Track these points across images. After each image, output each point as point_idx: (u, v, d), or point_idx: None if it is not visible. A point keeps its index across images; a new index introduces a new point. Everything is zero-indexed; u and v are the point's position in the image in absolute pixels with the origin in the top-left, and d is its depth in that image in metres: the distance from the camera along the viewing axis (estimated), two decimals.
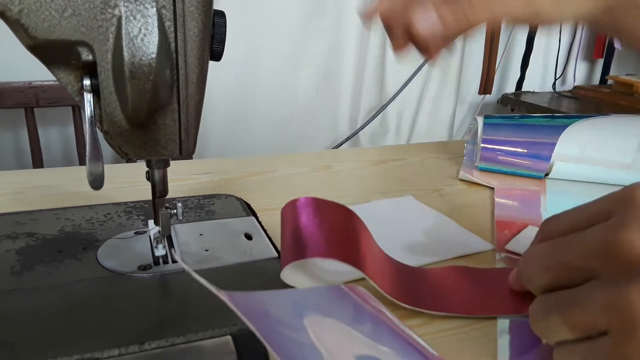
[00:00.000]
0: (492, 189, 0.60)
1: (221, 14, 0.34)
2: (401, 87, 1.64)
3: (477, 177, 0.63)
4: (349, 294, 0.32)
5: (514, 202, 0.56)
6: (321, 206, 0.35)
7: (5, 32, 0.31)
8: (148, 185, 0.38)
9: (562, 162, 0.60)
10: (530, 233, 0.46)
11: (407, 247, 0.45)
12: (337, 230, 0.34)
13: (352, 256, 0.33)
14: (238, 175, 0.62)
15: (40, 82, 0.97)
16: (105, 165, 0.33)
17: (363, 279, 0.35)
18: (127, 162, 0.91)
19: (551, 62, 1.84)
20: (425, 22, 0.36)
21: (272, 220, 0.48)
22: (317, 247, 0.32)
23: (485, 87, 1.63)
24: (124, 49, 0.29)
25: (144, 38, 0.30)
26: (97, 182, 0.33)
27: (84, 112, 0.32)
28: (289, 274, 0.35)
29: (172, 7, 0.31)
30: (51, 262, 0.38)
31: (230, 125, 1.40)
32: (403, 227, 0.49)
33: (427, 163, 0.71)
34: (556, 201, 0.57)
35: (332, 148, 1.58)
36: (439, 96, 1.71)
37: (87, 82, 0.31)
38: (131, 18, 0.30)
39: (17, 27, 0.29)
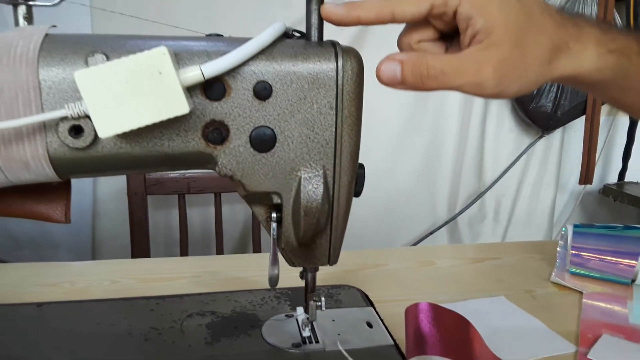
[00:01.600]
0: (582, 292, 0.68)
1: (361, 166, 0.49)
2: (499, 175, 1.72)
3: (568, 281, 0.71)
4: None
5: (601, 305, 0.64)
6: (438, 312, 0.46)
7: None
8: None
9: None
10: (606, 341, 0.53)
11: (495, 345, 0.54)
12: (452, 334, 0.45)
13: (464, 356, 0.43)
14: (356, 268, 0.75)
15: (192, 173, 1.19)
16: (242, 255, 0.48)
17: None
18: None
19: None
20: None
21: (387, 312, 0.60)
22: (435, 346, 0.43)
23: (586, 177, 1.66)
24: (302, 196, 0.44)
25: (314, 189, 0.45)
26: (273, 281, 0.47)
27: (270, 235, 0.47)
28: None
29: (332, 168, 0.46)
30: (231, 336, 0.53)
31: None
32: (494, 326, 0.58)
33: (521, 263, 0.80)
34: None
35: (431, 232, 1.68)
36: (538, 184, 1.76)
37: (274, 215, 0.47)
38: (307, 177, 0.45)
39: (238, 184, 0.45)
